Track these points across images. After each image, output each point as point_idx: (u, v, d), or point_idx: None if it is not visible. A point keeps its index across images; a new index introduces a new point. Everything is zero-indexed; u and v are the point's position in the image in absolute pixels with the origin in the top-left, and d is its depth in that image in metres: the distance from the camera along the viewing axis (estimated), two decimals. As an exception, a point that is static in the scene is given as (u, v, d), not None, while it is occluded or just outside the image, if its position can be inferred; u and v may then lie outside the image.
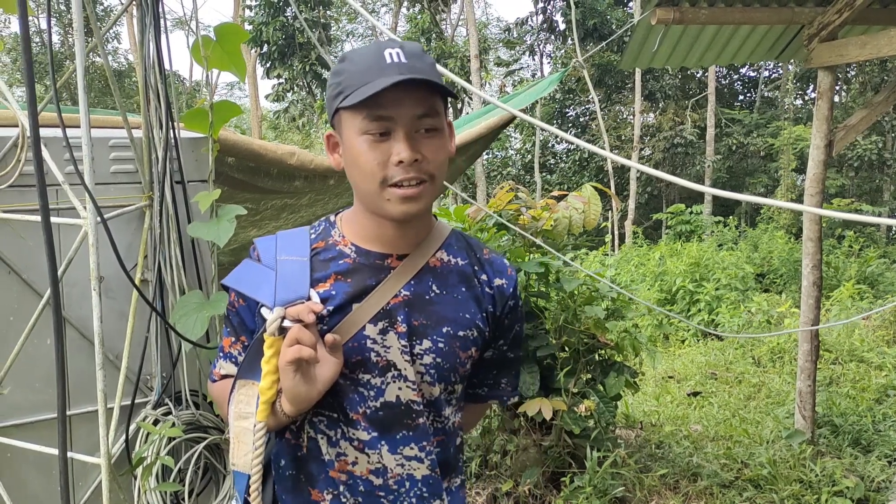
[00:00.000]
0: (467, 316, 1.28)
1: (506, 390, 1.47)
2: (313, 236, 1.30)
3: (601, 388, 3.85)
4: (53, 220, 1.65)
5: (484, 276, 1.33)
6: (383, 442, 1.24)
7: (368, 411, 1.23)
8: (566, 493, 3.65)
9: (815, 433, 4.56)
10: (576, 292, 3.89)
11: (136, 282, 2.06)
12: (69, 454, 1.72)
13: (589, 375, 3.89)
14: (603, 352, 3.97)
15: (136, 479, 2.07)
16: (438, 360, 1.25)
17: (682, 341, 9.01)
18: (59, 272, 1.85)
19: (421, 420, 1.26)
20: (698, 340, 8.81)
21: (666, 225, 17.93)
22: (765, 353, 7.39)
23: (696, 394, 6.29)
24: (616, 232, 16.64)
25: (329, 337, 1.16)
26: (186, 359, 2.21)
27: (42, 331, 2.02)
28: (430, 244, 1.29)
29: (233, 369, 1.31)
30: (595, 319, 3.82)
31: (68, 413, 2.03)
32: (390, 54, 1.14)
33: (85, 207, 1.77)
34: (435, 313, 1.26)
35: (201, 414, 2.22)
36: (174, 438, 2.10)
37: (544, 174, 22.37)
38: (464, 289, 1.30)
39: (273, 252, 1.27)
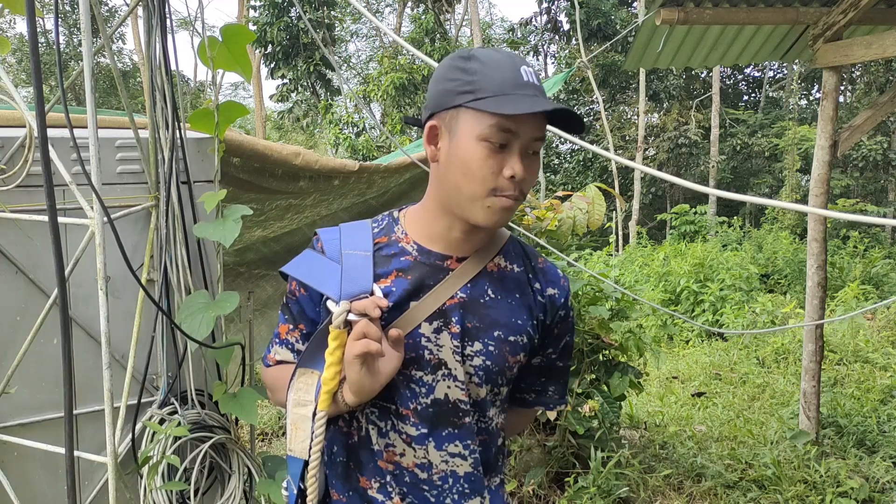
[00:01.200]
0: (519, 322, 1.31)
1: (552, 398, 1.49)
2: (376, 230, 1.33)
3: (605, 388, 3.85)
4: (60, 220, 1.66)
5: (537, 285, 1.36)
6: (431, 438, 1.28)
7: (419, 407, 1.27)
8: (570, 493, 3.65)
9: (820, 434, 4.56)
10: (580, 293, 3.90)
11: (143, 282, 2.07)
12: (75, 453, 1.73)
13: (593, 376, 3.89)
14: (607, 352, 3.97)
15: (141, 478, 2.08)
16: (488, 362, 1.28)
17: (686, 342, 9.00)
18: (66, 272, 1.86)
19: (467, 419, 1.29)
20: (702, 341, 8.80)
21: (670, 225, 17.92)
22: (769, 353, 7.38)
23: (700, 394, 6.29)
24: (620, 232, 16.62)
25: (393, 331, 1.20)
26: (192, 358, 2.21)
27: (49, 330, 2.03)
28: (489, 249, 1.32)
29: (288, 355, 1.36)
30: (599, 320, 3.83)
31: (75, 412, 2.04)
32: (525, 72, 1.18)
33: (92, 207, 1.78)
34: (488, 317, 1.29)
35: (207, 413, 2.23)
36: (180, 438, 2.11)
37: (548, 174, 22.37)
38: (518, 295, 1.33)
39: (338, 245, 1.30)
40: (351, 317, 1.18)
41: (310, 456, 1.24)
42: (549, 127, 1.29)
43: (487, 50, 1.22)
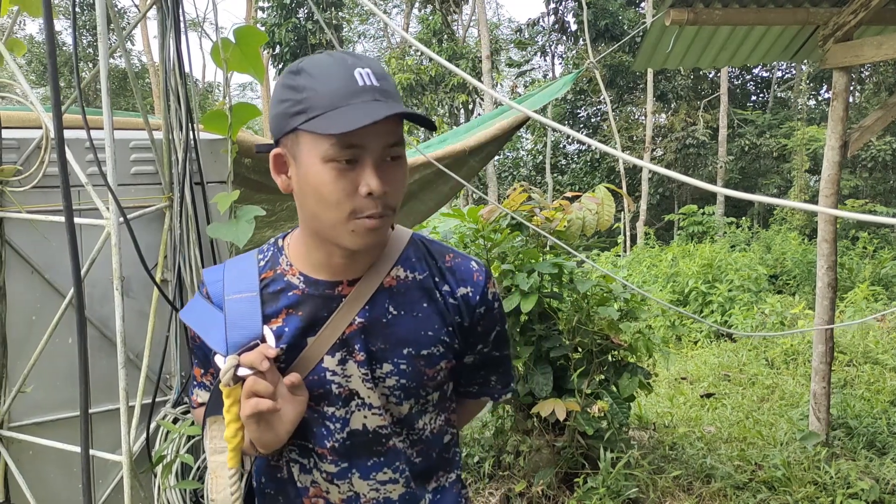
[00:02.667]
0: (430, 333, 1.21)
1: (496, 388, 1.42)
2: (262, 264, 1.23)
3: (614, 388, 3.85)
4: (77, 220, 1.68)
5: (446, 287, 1.24)
6: (354, 470, 1.21)
7: (336, 444, 1.20)
8: (579, 493, 3.65)
9: (830, 435, 4.54)
10: (589, 293, 3.90)
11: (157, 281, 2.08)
12: (91, 452, 1.75)
13: (602, 376, 3.89)
14: (616, 353, 3.97)
15: (155, 476, 2.10)
16: (402, 380, 1.20)
17: (695, 342, 8.98)
18: (82, 272, 1.87)
19: (391, 442, 1.22)
20: (711, 342, 8.79)
21: (678, 226, 17.87)
22: (778, 354, 7.36)
23: (709, 395, 6.28)
24: (628, 233, 16.60)
25: (289, 377, 1.11)
26: (205, 358, 2.23)
27: (64, 330, 2.05)
28: (382, 264, 1.21)
29: (207, 398, 1.28)
30: (609, 320, 3.83)
31: (90, 411, 2.05)
32: (360, 75, 1.05)
33: (108, 208, 1.80)
34: (393, 335, 1.19)
35: (219, 413, 2.24)
36: (193, 437, 2.12)
37: (556, 175, 22.35)
38: (425, 304, 1.22)
39: (221, 289, 1.21)
40: (241, 371, 1.09)
41: None
42: (559, 126, 1.23)
43: (318, 57, 1.09)
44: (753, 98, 25.87)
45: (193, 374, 1.32)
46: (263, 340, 1.15)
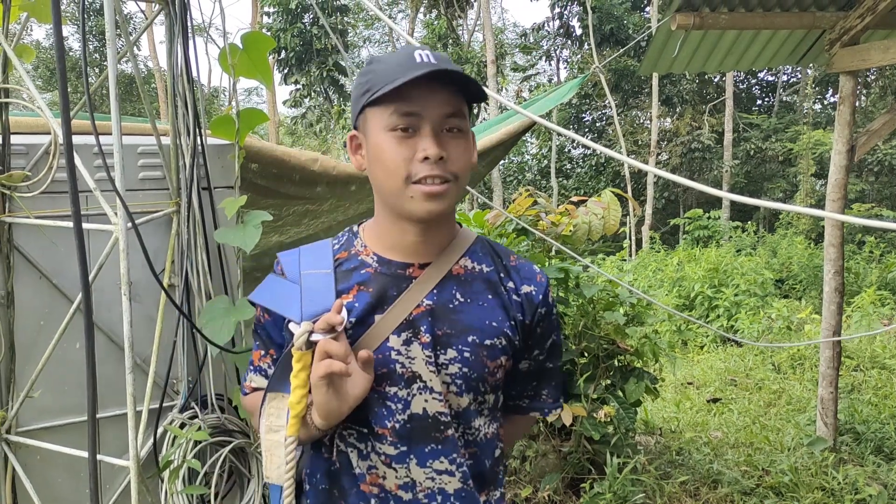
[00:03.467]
0: (494, 324, 1.24)
1: (547, 402, 1.43)
2: (336, 247, 1.30)
3: (621, 393, 3.84)
4: (85, 225, 1.68)
5: (511, 284, 1.29)
6: (412, 455, 1.22)
7: (397, 425, 1.21)
8: (586, 499, 3.64)
9: (837, 440, 4.52)
10: (595, 298, 3.89)
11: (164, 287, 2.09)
12: (98, 457, 1.75)
13: (608, 381, 3.88)
14: (622, 357, 3.96)
15: (162, 481, 2.09)
16: (465, 369, 1.22)
17: (701, 347, 8.96)
18: (90, 277, 1.88)
19: (449, 432, 1.22)
20: (717, 346, 8.76)
21: (683, 230, 17.85)
22: (785, 359, 7.33)
23: (715, 400, 6.26)
24: (633, 237, 16.58)
25: (363, 353, 1.14)
26: (212, 363, 2.23)
27: (71, 335, 2.05)
28: (453, 251, 1.27)
29: (263, 382, 1.32)
30: (615, 325, 3.82)
31: (97, 416, 2.06)
32: (420, 55, 1.14)
33: (116, 213, 1.80)
34: (459, 322, 1.22)
35: (227, 418, 2.24)
36: (200, 442, 2.12)
37: (560, 179, 22.34)
38: (490, 296, 1.26)
39: (297, 266, 1.27)
40: (314, 337, 1.13)
41: (284, 482, 1.20)
42: (565, 131, 1.26)
43: (390, 52, 1.21)
44: (759, 102, 25.85)
45: (251, 359, 1.36)
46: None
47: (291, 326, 1.18)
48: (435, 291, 1.23)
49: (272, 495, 1.28)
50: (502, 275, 1.30)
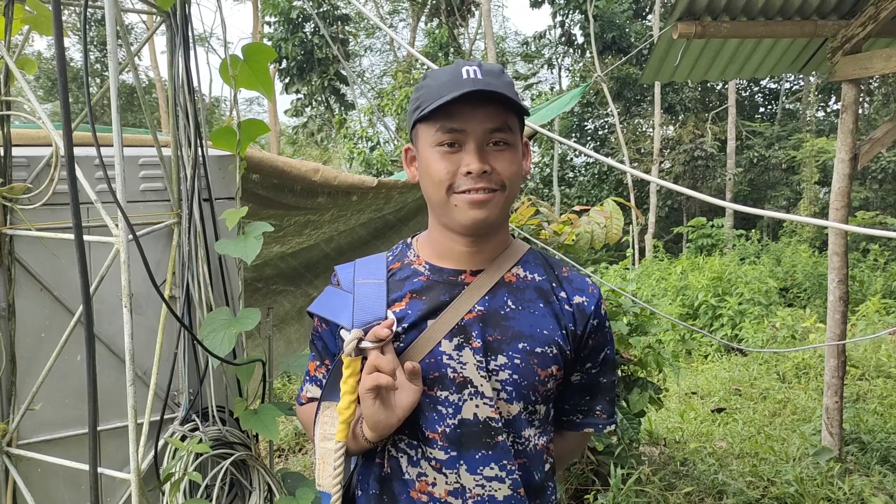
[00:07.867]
0: (545, 332, 1.25)
1: (601, 417, 1.41)
2: (390, 258, 1.34)
3: (625, 404, 3.82)
4: (86, 237, 1.68)
5: (563, 294, 1.30)
6: (462, 461, 1.22)
7: (447, 430, 1.22)
8: (590, 510, 3.62)
9: (843, 450, 4.49)
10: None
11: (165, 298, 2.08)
12: (99, 469, 1.73)
13: (612, 391, 3.86)
14: (626, 367, 3.94)
15: (163, 494, 2.08)
16: (515, 376, 1.23)
17: (705, 356, 8.92)
18: (91, 289, 1.87)
19: (500, 438, 1.23)
20: (721, 356, 8.72)
21: (687, 238, 17.82)
22: (789, 368, 7.30)
23: (720, 410, 6.23)
24: (636, 246, 16.55)
25: (409, 364, 1.17)
26: (214, 375, 2.22)
27: (72, 347, 2.04)
28: (505, 260, 1.29)
29: (318, 392, 1.36)
30: (618, 335, 3.80)
31: (98, 429, 2.05)
32: (467, 71, 1.18)
33: (117, 225, 1.79)
34: (510, 328, 1.24)
35: (228, 430, 2.23)
36: (202, 454, 2.11)
37: (563, 188, 22.33)
38: (542, 304, 1.28)
39: (352, 277, 1.31)
40: (364, 344, 1.16)
41: (332, 490, 1.21)
42: (566, 141, 1.27)
43: (442, 67, 1.25)
44: (762, 110, 25.84)
45: (307, 370, 1.40)
46: None
47: (343, 333, 1.21)
48: (487, 297, 1.25)
49: (323, 503, 1.29)
50: (554, 285, 1.31)
